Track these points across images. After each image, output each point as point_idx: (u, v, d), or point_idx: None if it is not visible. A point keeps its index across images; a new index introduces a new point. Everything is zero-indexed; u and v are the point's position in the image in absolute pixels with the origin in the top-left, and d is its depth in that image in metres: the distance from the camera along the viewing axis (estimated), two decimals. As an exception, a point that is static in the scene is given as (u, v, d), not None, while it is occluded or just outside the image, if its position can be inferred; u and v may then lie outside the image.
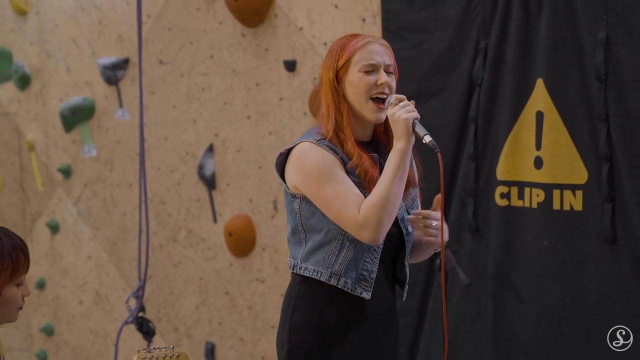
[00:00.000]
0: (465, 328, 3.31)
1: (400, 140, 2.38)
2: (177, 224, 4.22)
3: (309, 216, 2.46)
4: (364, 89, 2.43)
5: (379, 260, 2.45)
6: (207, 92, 4.07)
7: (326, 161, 2.42)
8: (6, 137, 4.90)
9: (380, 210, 2.36)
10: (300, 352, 2.49)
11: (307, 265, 2.48)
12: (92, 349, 4.59)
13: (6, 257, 2.21)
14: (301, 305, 2.50)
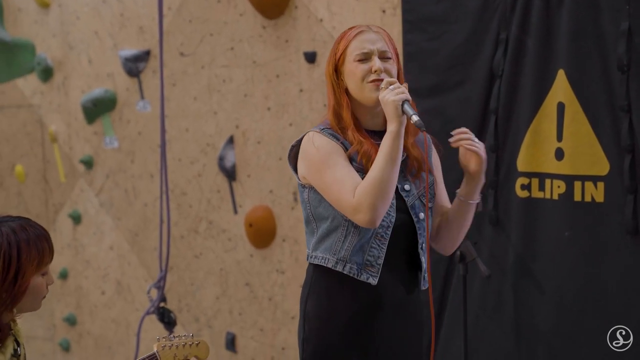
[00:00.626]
0: (486, 319, 3.31)
1: (391, 122, 2.41)
2: (197, 215, 4.25)
3: (317, 205, 2.50)
4: (360, 76, 2.48)
5: (386, 247, 2.46)
6: (227, 84, 4.08)
7: (326, 148, 2.47)
8: (29, 129, 4.94)
9: (373, 192, 2.38)
10: (314, 340, 2.52)
11: (317, 253, 2.52)
12: (114, 338, 4.63)
13: (32, 247, 2.23)
14: (313, 294, 2.53)
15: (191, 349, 2.55)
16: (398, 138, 2.40)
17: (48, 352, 4.88)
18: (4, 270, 2.19)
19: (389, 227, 2.47)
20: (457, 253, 3.10)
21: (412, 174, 2.53)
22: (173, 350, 2.52)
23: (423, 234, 2.53)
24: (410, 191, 2.52)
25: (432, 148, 2.65)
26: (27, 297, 2.24)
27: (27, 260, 2.21)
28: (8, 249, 2.20)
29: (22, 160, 5.00)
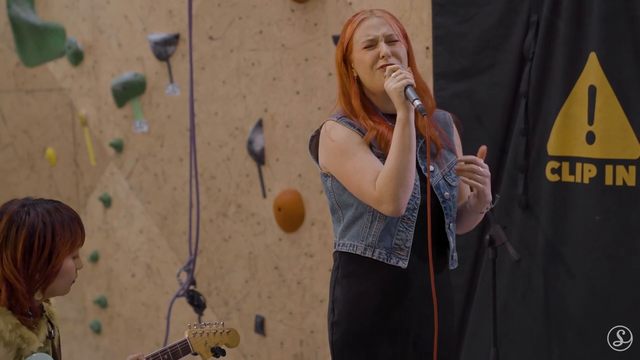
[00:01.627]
0: (515, 303, 3.29)
1: (398, 110, 2.42)
2: (227, 199, 4.26)
3: (341, 192, 2.51)
4: (368, 63, 2.48)
5: (414, 229, 2.46)
6: (256, 68, 4.09)
7: (344, 138, 2.48)
8: (60, 112, 4.98)
9: (392, 182, 2.38)
10: (343, 325, 2.53)
11: (344, 240, 2.52)
12: (144, 321, 4.67)
13: (66, 229, 2.26)
14: (342, 278, 2.54)
15: (222, 336, 2.57)
16: (408, 124, 2.40)
17: (79, 334, 4.93)
18: (38, 249, 2.22)
19: (415, 209, 2.47)
20: (487, 237, 3.09)
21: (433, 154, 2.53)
22: (204, 337, 2.54)
23: (449, 213, 2.53)
24: (434, 171, 2.52)
25: (451, 127, 2.64)
26: (59, 280, 2.27)
27: (61, 242, 2.24)
28: (43, 229, 2.23)
29: (53, 144, 5.04)
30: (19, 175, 5.25)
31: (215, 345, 2.55)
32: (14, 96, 5.20)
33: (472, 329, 3.40)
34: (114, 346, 4.81)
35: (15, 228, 2.22)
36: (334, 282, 2.57)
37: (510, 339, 3.30)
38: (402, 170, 2.38)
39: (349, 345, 2.52)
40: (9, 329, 2.19)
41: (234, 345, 2.59)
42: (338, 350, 2.54)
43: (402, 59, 2.49)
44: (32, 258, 2.21)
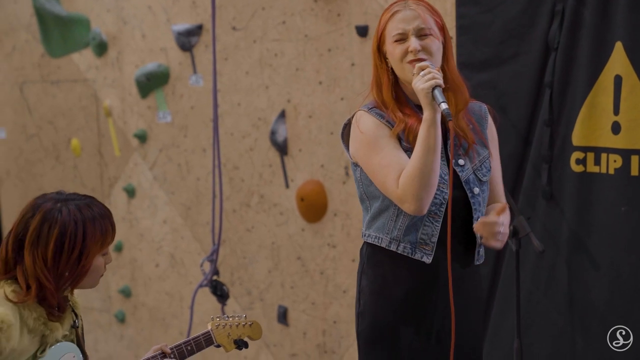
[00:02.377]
0: (539, 295, 3.28)
1: (424, 109, 2.40)
2: (250, 189, 4.27)
3: (369, 183, 2.50)
4: (398, 57, 2.47)
5: (440, 224, 2.45)
6: (279, 58, 4.09)
7: (373, 130, 2.46)
8: (85, 103, 5.00)
9: (415, 182, 2.36)
10: (368, 316, 2.53)
11: (370, 232, 2.52)
12: (168, 310, 4.70)
13: (97, 228, 2.26)
14: (368, 269, 2.54)
15: (244, 329, 2.58)
16: (434, 125, 2.38)
17: (104, 323, 4.97)
18: (69, 250, 2.23)
19: (442, 204, 2.45)
20: (510, 228, 3.08)
21: (464, 148, 2.51)
22: (227, 330, 2.55)
23: (478, 208, 2.51)
24: (465, 166, 2.50)
25: (486, 120, 2.61)
26: (88, 277, 2.28)
27: (92, 241, 2.25)
28: (75, 229, 2.23)
29: (78, 134, 5.07)
30: (44, 166, 5.29)
31: (238, 338, 2.56)
32: (40, 87, 5.23)
33: (496, 320, 3.39)
34: (139, 335, 4.85)
35: (47, 226, 2.23)
36: (360, 272, 2.57)
37: (534, 330, 3.28)
38: (426, 171, 2.36)
39: (373, 335, 2.52)
40: (33, 317, 2.22)
41: (257, 337, 2.60)
42: (363, 340, 2.54)
43: (434, 53, 2.47)
44: (62, 258, 2.23)
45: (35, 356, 2.25)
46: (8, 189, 5.59)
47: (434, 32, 2.47)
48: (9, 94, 5.42)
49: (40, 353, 2.25)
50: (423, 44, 2.45)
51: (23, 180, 5.40)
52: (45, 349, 2.26)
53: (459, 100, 2.49)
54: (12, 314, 2.17)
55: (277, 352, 4.21)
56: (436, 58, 2.47)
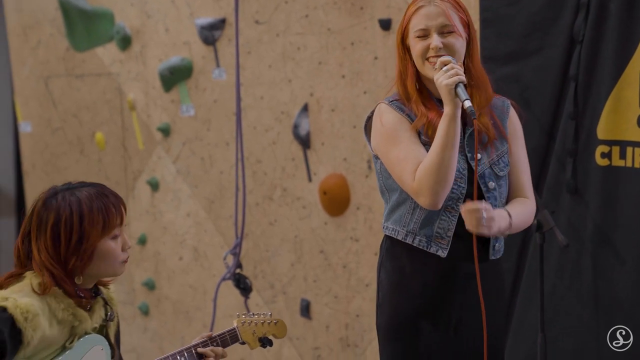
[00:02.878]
0: (563, 289, 3.26)
1: (445, 105, 2.39)
2: (272, 183, 4.28)
3: (388, 176, 2.52)
4: (419, 53, 2.47)
5: (457, 218, 2.45)
6: (302, 52, 4.09)
7: (393, 124, 2.47)
8: (109, 97, 5.03)
9: (431, 177, 2.36)
10: (387, 308, 2.54)
11: (389, 224, 2.53)
12: (192, 303, 4.72)
13: (96, 212, 2.27)
14: (387, 262, 2.55)
15: (269, 327, 2.60)
16: (454, 121, 2.37)
17: (128, 316, 5.01)
18: (66, 236, 2.25)
19: (459, 198, 2.46)
20: (534, 222, 3.06)
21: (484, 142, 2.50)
22: (252, 327, 2.57)
23: (494, 203, 2.50)
24: (481, 160, 2.49)
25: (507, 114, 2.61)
26: (100, 262, 2.29)
27: (90, 224, 2.25)
28: (70, 215, 2.25)
29: (102, 128, 5.10)
30: (68, 159, 5.33)
31: (262, 335, 2.58)
32: (64, 81, 5.27)
33: (520, 314, 3.38)
34: (162, 328, 4.87)
35: (45, 217, 2.26)
36: (380, 265, 2.59)
37: (558, 324, 3.27)
38: (443, 166, 2.36)
39: (391, 328, 2.53)
40: (61, 308, 2.24)
41: (281, 336, 2.62)
42: (382, 333, 2.55)
43: (457, 51, 2.46)
44: (62, 244, 2.25)
45: (64, 347, 2.27)
46: (33, 182, 5.64)
47: (457, 29, 2.46)
48: (35, 88, 5.47)
49: (68, 344, 2.27)
50: (445, 42, 2.45)
51: (48, 173, 5.44)
52: (74, 340, 2.28)
53: (482, 97, 2.50)
54: (37, 304, 2.20)
55: (299, 346, 4.22)
56: (459, 55, 2.47)
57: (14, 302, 2.17)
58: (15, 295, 2.20)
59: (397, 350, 2.51)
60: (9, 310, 2.15)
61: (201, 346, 2.47)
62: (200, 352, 2.45)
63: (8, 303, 2.16)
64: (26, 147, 5.66)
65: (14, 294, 2.20)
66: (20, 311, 2.16)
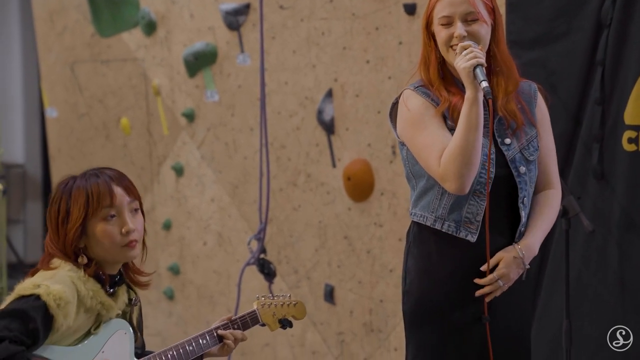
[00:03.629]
0: (589, 275, 3.24)
1: (467, 88, 2.39)
2: (296, 168, 4.28)
3: (415, 162, 2.51)
4: (442, 41, 2.47)
5: (486, 203, 2.44)
6: (326, 37, 4.08)
7: (419, 109, 2.47)
8: (134, 82, 5.05)
9: (456, 161, 2.36)
10: (414, 294, 2.54)
11: (416, 210, 2.53)
12: (216, 288, 4.74)
13: (82, 193, 2.30)
14: (414, 248, 2.54)
15: (289, 308, 2.61)
16: (476, 103, 2.37)
17: (153, 300, 5.04)
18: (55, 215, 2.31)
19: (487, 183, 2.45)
20: (560, 208, 3.04)
21: (512, 129, 2.50)
22: (272, 309, 2.58)
23: (524, 187, 2.49)
24: (511, 144, 2.49)
25: (535, 100, 2.59)
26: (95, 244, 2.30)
27: (73, 203, 2.29)
28: (60, 194, 2.31)
29: (128, 113, 5.13)
30: (94, 144, 5.36)
31: (282, 317, 2.59)
32: (90, 66, 5.30)
33: (545, 300, 3.36)
34: (187, 312, 4.91)
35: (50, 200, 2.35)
36: (407, 251, 2.58)
37: (583, 311, 3.25)
38: (468, 149, 2.36)
39: (419, 314, 2.52)
40: (90, 296, 2.26)
41: (301, 317, 2.63)
42: (409, 319, 2.55)
43: (482, 38, 2.45)
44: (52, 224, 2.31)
45: (89, 332, 2.29)
46: (59, 167, 5.68)
47: (481, 16, 2.45)
48: (61, 74, 5.50)
49: (94, 330, 2.29)
50: (470, 30, 2.44)
51: (74, 158, 5.48)
52: (99, 326, 2.30)
53: (509, 83, 2.49)
54: (69, 292, 2.22)
55: (323, 331, 4.23)
56: (484, 42, 2.46)
57: (47, 289, 2.19)
58: (47, 282, 2.22)
59: (426, 336, 2.51)
60: (42, 297, 2.17)
61: (222, 329, 2.49)
62: (220, 334, 2.47)
63: (40, 290, 2.18)
64: (52, 133, 5.70)
65: (45, 281, 2.22)
66: (52, 298, 2.18)
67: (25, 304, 2.17)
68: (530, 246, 2.50)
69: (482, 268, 2.45)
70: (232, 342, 2.48)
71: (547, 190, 2.58)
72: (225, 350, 2.50)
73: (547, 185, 2.58)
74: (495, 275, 2.44)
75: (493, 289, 2.45)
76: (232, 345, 2.48)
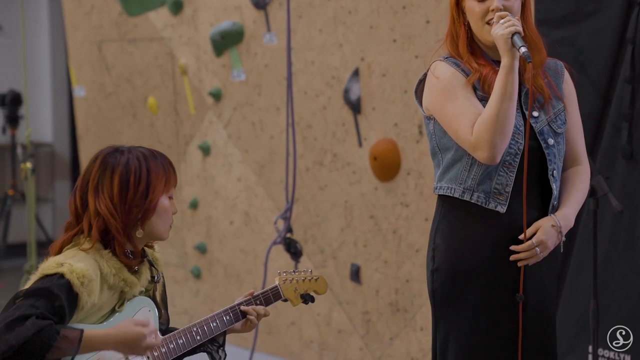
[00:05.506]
0: (617, 255, 3.22)
1: (503, 56, 2.40)
2: (323, 148, 4.28)
3: (442, 135, 2.51)
4: (478, 16, 2.47)
5: (515, 174, 2.44)
6: (353, 16, 4.06)
7: (449, 78, 2.47)
8: (161, 62, 5.07)
9: (490, 129, 2.36)
10: (443, 272, 2.53)
11: (442, 183, 2.53)
12: (242, 267, 4.77)
13: (160, 167, 2.35)
14: (443, 225, 2.54)
15: (310, 283, 2.62)
16: (512, 72, 2.37)
17: (181, 279, 5.08)
18: (135, 184, 2.30)
19: (517, 154, 2.45)
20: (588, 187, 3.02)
21: (540, 103, 2.50)
22: (294, 284, 2.59)
23: (553, 160, 2.49)
24: (539, 117, 2.49)
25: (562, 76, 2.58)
26: (157, 218, 2.34)
27: (156, 177, 2.33)
28: (138, 166, 2.32)
29: (155, 93, 5.15)
30: (122, 123, 5.39)
31: (304, 292, 2.60)
32: (117, 45, 5.32)
33: (572, 279, 3.35)
34: (214, 291, 4.94)
35: (110, 168, 2.31)
36: (435, 228, 2.57)
37: (610, 290, 3.23)
38: (502, 117, 2.36)
39: (450, 292, 2.52)
40: (112, 273, 2.27)
41: (322, 292, 2.64)
42: (439, 296, 2.54)
43: (515, 13, 2.47)
44: (129, 192, 2.30)
45: (114, 310, 2.31)
46: (87, 146, 5.72)
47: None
48: (88, 53, 5.53)
49: (118, 307, 2.32)
50: (505, 4, 2.44)
51: (102, 137, 5.52)
52: (124, 303, 2.32)
53: (536, 59, 2.48)
54: (92, 269, 2.24)
55: (349, 310, 4.24)
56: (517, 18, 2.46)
57: (70, 267, 2.21)
58: (69, 260, 2.23)
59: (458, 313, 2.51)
60: (66, 275, 2.19)
61: (245, 304, 2.51)
62: (243, 310, 2.49)
63: (64, 269, 2.20)
64: (80, 112, 5.74)
65: (68, 260, 2.24)
66: (76, 276, 2.20)
67: (50, 282, 2.19)
68: (567, 217, 2.50)
69: (520, 236, 2.43)
70: (255, 318, 2.50)
71: (577, 167, 2.58)
72: (248, 326, 2.52)
73: (575, 161, 2.58)
74: (534, 241, 2.43)
75: (529, 255, 2.44)
76: (255, 321, 2.51)
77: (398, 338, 4.04)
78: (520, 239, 2.44)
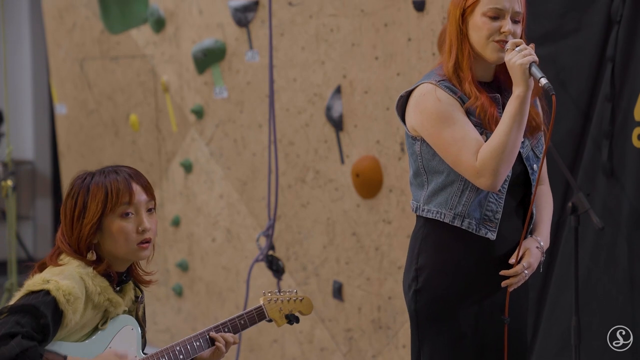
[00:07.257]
0: (598, 272, 3.23)
1: (518, 86, 2.36)
2: (305, 165, 4.28)
3: (430, 158, 2.47)
4: (486, 34, 2.42)
5: (504, 200, 2.44)
6: (335, 33, 4.07)
7: (445, 104, 2.42)
8: (143, 79, 5.06)
9: (498, 157, 2.34)
10: (428, 293, 2.52)
11: (430, 207, 2.49)
12: (225, 284, 4.75)
13: (101, 189, 2.30)
14: (426, 246, 2.52)
15: (295, 304, 2.60)
16: (525, 102, 2.35)
17: (162, 297, 5.05)
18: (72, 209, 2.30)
19: (506, 181, 2.45)
20: (569, 204, 3.03)
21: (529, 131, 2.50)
22: (278, 305, 2.58)
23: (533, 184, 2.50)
24: (524, 143, 2.49)
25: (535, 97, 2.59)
26: (110, 240, 2.30)
27: (91, 199, 2.28)
28: (78, 189, 2.31)
29: (136, 110, 5.13)
30: (104, 141, 5.37)
31: (289, 312, 2.58)
32: (99, 63, 5.31)
33: (553, 297, 3.35)
34: (196, 309, 4.91)
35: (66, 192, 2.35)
36: (418, 248, 2.54)
37: (592, 308, 3.24)
38: (510, 146, 2.35)
39: (434, 312, 2.51)
40: (97, 292, 2.26)
41: (307, 312, 2.62)
42: (424, 317, 2.52)
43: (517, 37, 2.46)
44: (67, 218, 2.31)
45: (97, 328, 2.30)
46: (69, 163, 5.70)
47: (522, 17, 2.46)
48: (70, 70, 5.51)
49: (101, 325, 2.30)
50: (514, 29, 2.43)
51: (83, 155, 5.49)
52: (107, 322, 2.31)
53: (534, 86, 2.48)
54: (78, 287, 2.22)
55: (332, 327, 4.23)
56: None
57: (56, 284, 2.19)
58: (56, 277, 2.22)
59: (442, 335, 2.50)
60: (52, 292, 2.18)
61: (214, 331, 2.46)
62: (212, 336, 2.44)
63: (50, 285, 2.19)
64: (62, 129, 5.71)
65: (54, 276, 2.22)
66: (62, 293, 2.18)
67: (36, 299, 2.17)
68: (546, 237, 2.55)
69: (511, 260, 2.46)
70: (222, 346, 2.43)
71: (541, 186, 2.59)
72: (215, 355, 2.44)
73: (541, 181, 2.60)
74: (524, 265, 2.45)
75: (519, 279, 2.46)
76: (222, 349, 2.42)
77: (381, 355, 4.03)
78: (511, 263, 2.45)
